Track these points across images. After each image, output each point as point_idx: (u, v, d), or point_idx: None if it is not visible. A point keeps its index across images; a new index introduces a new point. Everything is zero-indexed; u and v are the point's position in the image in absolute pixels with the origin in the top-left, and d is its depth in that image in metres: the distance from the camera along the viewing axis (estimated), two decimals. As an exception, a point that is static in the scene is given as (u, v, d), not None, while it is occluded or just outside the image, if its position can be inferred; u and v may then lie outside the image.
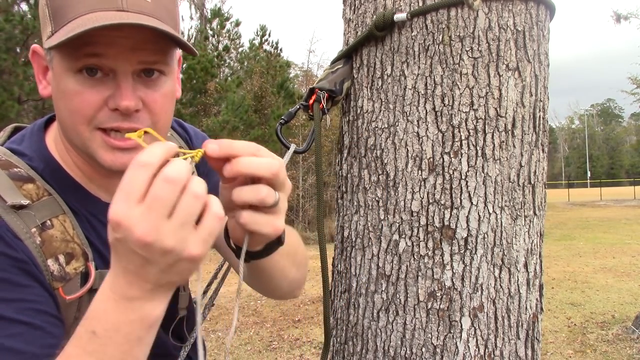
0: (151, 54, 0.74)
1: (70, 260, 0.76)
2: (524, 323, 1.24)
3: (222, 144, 0.60)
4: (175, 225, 0.52)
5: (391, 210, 1.23)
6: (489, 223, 1.19)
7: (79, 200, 0.81)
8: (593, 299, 6.70)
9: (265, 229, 0.64)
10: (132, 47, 0.71)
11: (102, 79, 0.73)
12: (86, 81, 0.72)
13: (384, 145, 1.25)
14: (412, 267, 1.21)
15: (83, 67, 0.72)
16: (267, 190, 0.61)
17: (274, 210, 0.64)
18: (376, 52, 1.28)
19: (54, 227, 0.75)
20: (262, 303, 6.90)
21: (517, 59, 1.21)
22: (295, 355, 4.93)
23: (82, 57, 0.71)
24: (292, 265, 0.89)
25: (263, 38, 19.60)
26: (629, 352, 4.67)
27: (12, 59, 11.29)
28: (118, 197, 0.53)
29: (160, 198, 0.51)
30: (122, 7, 0.70)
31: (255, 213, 0.63)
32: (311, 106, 1.27)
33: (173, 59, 0.79)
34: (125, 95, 0.72)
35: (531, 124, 1.24)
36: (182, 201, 0.53)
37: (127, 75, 0.73)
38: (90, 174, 0.83)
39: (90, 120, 0.73)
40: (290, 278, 0.90)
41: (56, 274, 0.74)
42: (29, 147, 0.81)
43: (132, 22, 0.68)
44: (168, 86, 0.78)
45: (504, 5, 1.20)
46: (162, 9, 0.75)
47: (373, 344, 1.25)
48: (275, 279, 0.86)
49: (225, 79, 17.27)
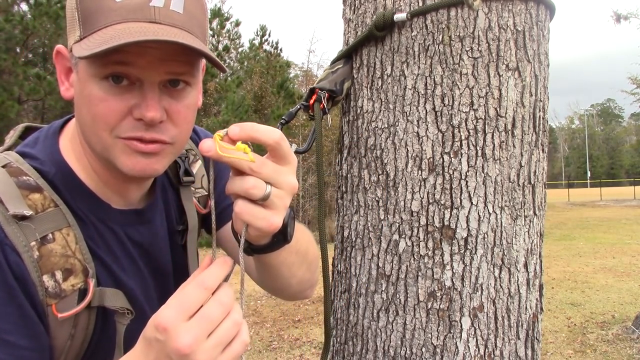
0: (180, 66, 0.73)
1: (68, 277, 0.75)
2: (524, 323, 1.24)
3: (244, 126, 0.62)
4: (212, 344, 0.58)
5: (391, 210, 1.23)
6: (489, 223, 1.19)
7: (89, 206, 0.80)
8: (593, 299, 6.70)
9: (259, 223, 0.64)
10: (162, 58, 0.71)
11: (128, 87, 0.72)
12: (112, 89, 0.71)
13: (384, 145, 1.25)
14: (412, 267, 1.21)
15: (110, 75, 0.71)
16: (254, 182, 0.62)
17: (268, 205, 0.64)
18: (376, 52, 1.28)
19: (55, 241, 0.74)
20: (262, 303, 6.90)
21: (517, 59, 1.21)
22: (295, 355, 4.93)
23: (110, 64, 0.70)
24: (301, 263, 0.87)
25: (263, 38, 19.61)
26: (629, 352, 4.67)
27: (12, 59, 11.30)
28: (172, 304, 0.59)
29: (209, 318, 0.58)
30: (154, 18, 0.69)
31: (250, 204, 0.64)
32: (312, 106, 1.27)
33: (199, 71, 0.79)
34: (152, 106, 0.71)
35: (531, 124, 1.24)
36: (223, 325, 0.59)
37: (153, 86, 0.72)
38: (106, 178, 0.82)
39: (113, 127, 0.73)
40: (299, 277, 0.89)
41: (51, 290, 0.73)
42: (42, 151, 0.80)
43: (165, 38, 0.67)
44: (192, 97, 0.78)
45: (504, 5, 1.20)
46: (194, 21, 0.74)
47: (373, 344, 1.25)
48: (283, 276, 0.85)
49: (225, 79, 17.25)
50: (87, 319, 0.77)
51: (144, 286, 0.87)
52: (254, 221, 0.64)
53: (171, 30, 0.69)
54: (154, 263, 0.88)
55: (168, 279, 0.91)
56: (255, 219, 0.64)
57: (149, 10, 0.69)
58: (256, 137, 0.63)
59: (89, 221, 0.80)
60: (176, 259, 0.93)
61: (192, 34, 0.72)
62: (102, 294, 0.77)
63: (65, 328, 0.75)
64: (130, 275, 0.84)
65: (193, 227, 0.95)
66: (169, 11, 0.71)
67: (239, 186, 0.62)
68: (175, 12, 0.71)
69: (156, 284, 0.89)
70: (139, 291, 0.85)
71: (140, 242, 0.86)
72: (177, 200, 0.95)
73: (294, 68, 25.20)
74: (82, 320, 0.76)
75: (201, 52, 0.70)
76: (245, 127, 0.62)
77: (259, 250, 0.74)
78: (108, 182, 0.82)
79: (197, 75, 0.78)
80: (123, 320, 0.79)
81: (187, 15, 0.73)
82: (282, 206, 0.65)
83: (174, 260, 0.92)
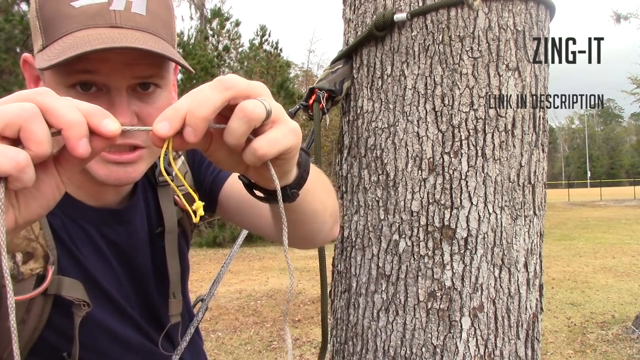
0: (146, 69, 0.72)
1: (28, 260, 0.73)
2: (524, 323, 1.24)
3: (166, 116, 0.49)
4: None
5: (391, 210, 1.23)
6: (489, 223, 1.19)
7: (60, 202, 0.79)
8: (593, 299, 6.70)
9: (286, 140, 0.52)
10: (126, 62, 0.69)
11: (96, 94, 0.70)
12: (80, 96, 0.68)
13: (384, 145, 1.25)
14: (412, 267, 1.21)
15: (76, 83, 0.69)
16: (247, 104, 0.49)
17: (276, 119, 0.52)
18: (376, 52, 1.28)
19: None
20: (262, 303, 6.90)
21: (517, 59, 1.21)
22: (295, 355, 4.93)
23: (75, 73, 0.69)
24: (322, 190, 0.80)
25: (263, 38, 19.60)
26: (629, 352, 4.67)
27: (12, 59, 11.29)
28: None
29: None
30: (115, 23, 0.68)
31: (264, 135, 0.51)
32: (311, 106, 1.27)
33: (169, 71, 0.77)
34: (120, 112, 0.70)
35: (531, 124, 1.24)
36: None
37: (121, 91, 0.71)
38: (80, 183, 0.81)
39: None
40: (329, 208, 0.82)
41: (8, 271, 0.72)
42: None
43: (126, 45, 0.65)
44: (163, 99, 0.76)
45: (504, 5, 1.20)
46: (159, 22, 0.72)
47: (373, 344, 1.25)
48: (318, 213, 0.78)
49: (225, 79, 17.19)
50: (41, 306, 0.75)
51: (118, 285, 0.84)
52: (281, 143, 0.52)
53: (133, 34, 0.68)
54: (130, 263, 0.86)
55: (147, 280, 0.89)
56: (279, 141, 0.52)
57: (109, 15, 0.68)
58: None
59: (57, 215, 0.78)
60: (156, 261, 0.91)
61: (157, 35, 0.71)
62: (60, 283, 0.76)
63: (18, 312, 0.73)
64: (101, 272, 0.82)
65: (171, 227, 0.92)
66: (130, 14, 0.69)
67: (236, 126, 0.49)
68: (138, 15, 0.70)
69: (133, 285, 0.87)
70: (113, 290, 0.83)
71: (116, 241, 0.84)
72: (155, 201, 0.93)
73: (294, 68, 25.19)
74: (37, 306, 0.75)
75: (164, 56, 0.68)
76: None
77: (295, 186, 0.64)
78: (82, 186, 0.81)
79: (167, 77, 0.77)
80: (79, 312, 0.76)
81: (151, 16, 0.71)
82: (284, 113, 0.54)
83: (155, 263, 0.90)
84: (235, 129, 0.49)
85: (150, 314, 0.90)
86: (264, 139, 0.51)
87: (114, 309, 0.83)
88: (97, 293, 0.81)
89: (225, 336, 5.51)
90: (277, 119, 0.52)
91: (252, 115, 0.48)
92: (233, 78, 0.50)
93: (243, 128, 0.49)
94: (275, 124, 0.52)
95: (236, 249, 1.17)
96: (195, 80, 15.36)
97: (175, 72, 0.84)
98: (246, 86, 0.51)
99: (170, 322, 0.92)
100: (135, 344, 0.86)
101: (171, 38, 0.76)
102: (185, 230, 0.98)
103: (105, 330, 0.82)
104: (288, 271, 0.54)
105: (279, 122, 0.53)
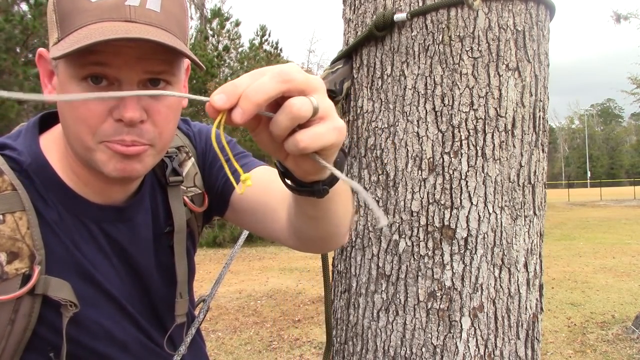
0: (158, 64, 0.72)
1: (12, 260, 0.74)
2: (524, 323, 1.24)
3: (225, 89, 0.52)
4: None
5: (391, 210, 1.23)
6: (489, 223, 1.19)
7: (61, 198, 0.80)
8: (593, 299, 6.70)
9: (330, 136, 0.53)
10: (139, 56, 0.70)
11: (107, 88, 0.71)
12: (91, 89, 0.70)
13: (384, 145, 1.25)
14: (412, 267, 1.21)
15: (88, 75, 0.70)
16: (295, 101, 0.50)
17: (323, 115, 0.53)
18: (376, 52, 1.28)
19: (4, 223, 0.73)
20: (262, 303, 6.90)
21: (517, 59, 1.21)
22: (295, 355, 4.93)
23: (87, 65, 0.69)
24: (347, 195, 0.79)
25: (263, 38, 19.60)
26: (629, 352, 4.67)
27: (12, 59, 11.29)
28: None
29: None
30: (129, 17, 0.69)
31: (308, 129, 0.52)
32: (311, 106, 1.27)
33: (180, 69, 0.78)
34: (130, 107, 0.70)
35: (531, 124, 1.24)
36: None
37: (132, 86, 0.71)
38: (87, 180, 0.81)
39: (95, 130, 0.72)
40: (348, 213, 0.81)
41: None
42: (22, 144, 0.81)
43: (139, 36, 0.66)
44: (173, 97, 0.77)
45: (504, 5, 1.20)
46: (172, 19, 0.73)
47: (373, 344, 1.25)
48: (340, 216, 0.77)
49: (225, 79, 17.26)
50: (30, 306, 0.75)
51: (118, 283, 0.85)
52: (323, 138, 0.52)
53: (147, 29, 0.69)
54: (131, 261, 0.87)
55: (149, 279, 0.89)
56: (322, 137, 0.52)
57: (124, 10, 0.69)
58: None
59: (55, 207, 0.79)
60: (162, 261, 0.91)
61: (170, 32, 0.72)
62: (47, 283, 0.76)
63: (5, 312, 0.74)
64: (100, 269, 0.82)
65: (180, 227, 0.93)
66: (145, 10, 0.70)
67: (281, 119, 0.50)
68: (152, 11, 0.70)
69: (133, 283, 0.87)
70: (112, 287, 0.83)
71: (117, 238, 0.85)
72: (164, 201, 0.94)
73: (294, 68, 25.14)
74: (25, 306, 0.75)
75: (176, 49, 0.69)
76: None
77: (326, 183, 0.64)
78: (89, 182, 0.81)
79: (178, 74, 0.77)
80: (66, 312, 0.77)
81: (165, 14, 0.72)
82: (331, 108, 0.55)
83: (159, 262, 0.91)
84: (280, 122, 0.51)
85: (152, 313, 0.90)
86: (308, 133, 0.52)
87: (113, 307, 0.83)
88: (96, 290, 0.81)
89: (225, 336, 5.51)
90: (325, 115, 0.53)
91: (298, 113, 0.50)
92: (293, 71, 0.52)
93: (287, 123, 0.51)
94: (323, 120, 0.53)
95: (237, 249, 1.16)
96: (195, 80, 15.36)
97: (186, 73, 0.84)
98: (303, 81, 0.52)
99: (176, 321, 0.92)
100: (135, 342, 0.86)
101: (184, 36, 0.76)
102: (192, 231, 0.98)
103: (101, 328, 0.82)
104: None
105: (326, 118, 0.53)
